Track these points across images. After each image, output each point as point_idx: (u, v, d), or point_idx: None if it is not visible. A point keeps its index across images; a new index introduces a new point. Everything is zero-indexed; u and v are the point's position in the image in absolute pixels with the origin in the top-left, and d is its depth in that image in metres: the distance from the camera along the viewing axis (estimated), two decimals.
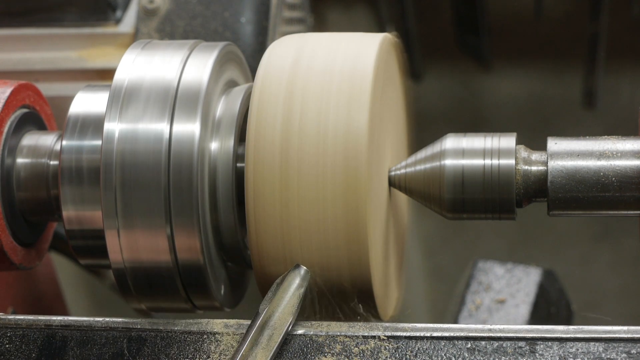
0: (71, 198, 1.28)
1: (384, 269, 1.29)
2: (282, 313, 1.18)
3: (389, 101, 1.34)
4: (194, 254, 1.23)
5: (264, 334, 1.16)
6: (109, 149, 1.23)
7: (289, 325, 1.18)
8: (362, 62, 1.25)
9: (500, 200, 1.25)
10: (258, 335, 1.16)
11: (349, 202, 1.19)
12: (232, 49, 1.34)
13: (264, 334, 1.16)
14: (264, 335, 1.16)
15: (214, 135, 1.26)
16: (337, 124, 1.21)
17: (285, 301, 1.19)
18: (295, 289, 1.20)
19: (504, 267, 1.87)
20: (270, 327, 1.17)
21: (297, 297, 1.20)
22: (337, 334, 1.19)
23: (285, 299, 1.19)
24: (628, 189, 1.23)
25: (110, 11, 1.84)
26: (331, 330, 1.20)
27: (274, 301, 1.19)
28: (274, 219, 1.21)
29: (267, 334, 1.16)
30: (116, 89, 1.26)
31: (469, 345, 1.17)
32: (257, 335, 1.16)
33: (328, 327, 1.20)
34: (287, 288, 1.20)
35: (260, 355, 1.15)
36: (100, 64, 1.83)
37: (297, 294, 1.20)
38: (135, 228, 1.23)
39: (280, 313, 1.18)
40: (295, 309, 1.19)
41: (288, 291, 1.20)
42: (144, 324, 1.23)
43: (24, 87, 1.36)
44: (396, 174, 1.30)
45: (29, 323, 1.25)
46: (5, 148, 1.32)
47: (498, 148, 1.26)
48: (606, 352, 1.15)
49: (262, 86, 1.24)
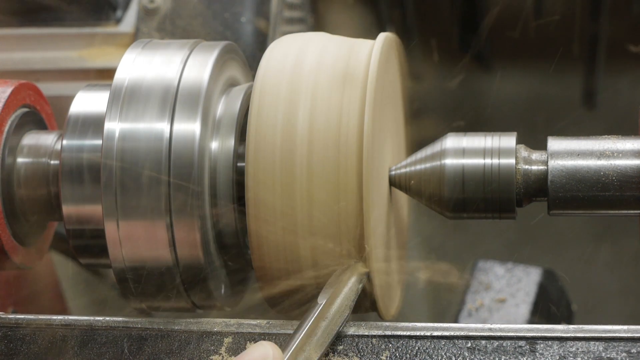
0: (71, 197, 1.28)
1: (384, 268, 1.29)
2: (340, 306, 1.17)
3: (389, 101, 1.34)
4: (194, 253, 1.23)
5: (321, 326, 1.15)
6: (110, 149, 1.23)
7: (345, 320, 1.17)
8: (363, 61, 1.25)
9: (501, 200, 1.25)
10: (315, 327, 1.15)
11: (349, 202, 1.19)
12: (232, 48, 1.34)
13: (321, 326, 1.15)
14: (321, 327, 1.15)
15: (214, 134, 1.26)
16: (337, 124, 1.21)
17: (344, 294, 1.18)
18: (354, 284, 1.20)
19: (504, 267, 1.87)
20: (327, 319, 1.16)
21: (355, 291, 1.19)
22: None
23: (343, 292, 1.19)
24: (628, 188, 1.23)
25: (111, 11, 1.84)
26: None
27: (334, 293, 1.18)
28: (274, 218, 1.21)
29: (324, 326, 1.16)
30: (116, 88, 1.26)
31: (469, 344, 1.17)
32: (314, 326, 1.15)
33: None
34: (346, 281, 1.19)
35: (314, 346, 1.14)
36: (101, 63, 1.83)
37: (355, 289, 1.19)
38: (136, 228, 1.23)
39: (338, 306, 1.17)
40: (352, 303, 1.18)
41: (347, 285, 1.19)
42: (144, 323, 1.23)
43: (24, 86, 1.36)
44: (396, 173, 1.30)
45: (30, 322, 1.25)
46: (6, 147, 1.32)
47: (498, 147, 1.26)
48: (606, 352, 1.15)
49: (262, 85, 1.24)
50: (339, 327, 1.16)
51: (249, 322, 1.22)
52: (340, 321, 1.16)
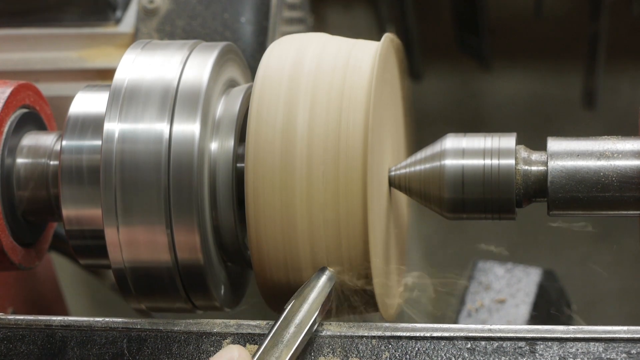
0: (71, 198, 1.28)
1: (384, 268, 1.29)
2: (307, 311, 1.18)
3: (389, 101, 1.34)
4: (194, 253, 1.23)
5: (289, 331, 1.16)
6: (109, 149, 1.23)
7: (315, 324, 1.18)
8: (363, 62, 1.25)
9: (500, 200, 1.25)
10: (282, 332, 1.16)
11: (349, 202, 1.19)
12: (232, 48, 1.34)
13: (289, 331, 1.16)
14: (289, 333, 1.16)
15: (214, 135, 1.26)
16: (337, 124, 1.21)
17: (311, 300, 1.19)
18: (321, 289, 1.20)
19: (504, 267, 1.87)
20: (295, 325, 1.16)
21: (323, 296, 1.19)
22: (337, 334, 1.19)
23: (310, 298, 1.19)
24: (628, 189, 1.23)
25: (110, 11, 1.84)
26: (331, 330, 1.20)
27: (299, 299, 1.19)
28: (274, 219, 1.21)
29: (292, 332, 1.16)
30: (116, 89, 1.26)
31: (469, 345, 1.17)
32: (281, 331, 1.16)
33: (328, 327, 1.20)
34: (313, 287, 1.20)
35: (284, 352, 1.14)
36: (100, 64, 1.83)
37: (322, 293, 1.20)
38: (135, 228, 1.23)
39: (306, 311, 1.18)
40: (320, 307, 1.19)
41: (314, 290, 1.19)
42: (144, 324, 1.23)
43: (24, 87, 1.36)
44: (396, 174, 1.30)
45: (29, 323, 1.25)
46: (5, 148, 1.32)
47: (498, 148, 1.26)
48: (606, 352, 1.15)
49: (262, 86, 1.24)
50: (308, 328, 1.17)
51: (249, 323, 1.22)
52: (309, 322, 1.17)
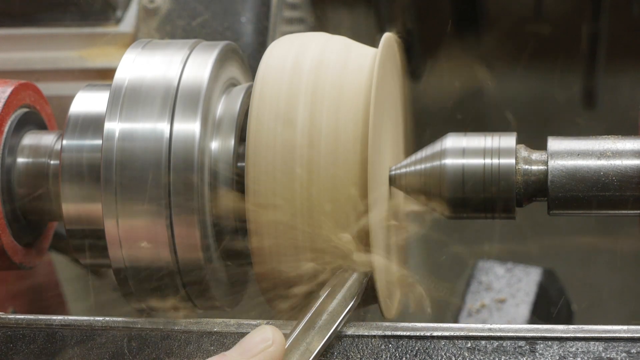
0: (71, 197, 1.28)
1: (385, 268, 1.29)
2: (341, 300, 1.17)
3: (389, 101, 1.34)
4: (194, 253, 1.23)
5: (322, 317, 1.15)
6: (110, 149, 1.23)
7: (347, 313, 1.17)
8: (363, 61, 1.25)
9: (501, 200, 1.25)
10: (316, 317, 1.15)
11: (349, 202, 1.19)
12: (232, 48, 1.34)
13: (322, 317, 1.15)
14: (322, 318, 1.15)
15: (214, 134, 1.26)
16: (337, 124, 1.21)
17: (345, 289, 1.18)
18: (356, 282, 1.19)
19: (504, 267, 1.87)
20: (328, 312, 1.16)
21: (357, 289, 1.19)
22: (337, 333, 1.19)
23: (345, 288, 1.18)
24: (628, 188, 1.23)
25: (111, 11, 1.84)
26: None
27: (335, 287, 1.17)
28: (274, 219, 1.21)
29: (325, 317, 1.15)
30: (116, 88, 1.26)
31: (469, 344, 1.17)
32: (315, 316, 1.15)
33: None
34: (348, 278, 1.19)
35: (316, 335, 1.14)
36: (101, 63, 1.83)
37: (356, 287, 1.19)
38: (136, 227, 1.23)
39: (340, 300, 1.17)
40: (354, 300, 1.18)
41: (349, 281, 1.19)
42: (144, 324, 1.24)
43: (24, 86, 1.36)
44: (396, 173, 1.30)
45: (29, 323, 1.25)
46: (6, 147, 1.32)
47: (498, 147, 1.26)
48: (606, 352, 1.15)
49: (262, 85, 1.24)
50: (341, 320, 1.16)
51: (249, 322, 1.22)
52: (342, 314, 1.16)
